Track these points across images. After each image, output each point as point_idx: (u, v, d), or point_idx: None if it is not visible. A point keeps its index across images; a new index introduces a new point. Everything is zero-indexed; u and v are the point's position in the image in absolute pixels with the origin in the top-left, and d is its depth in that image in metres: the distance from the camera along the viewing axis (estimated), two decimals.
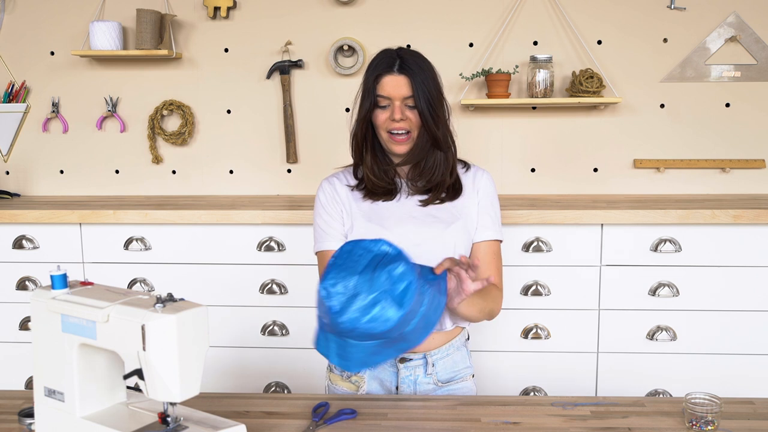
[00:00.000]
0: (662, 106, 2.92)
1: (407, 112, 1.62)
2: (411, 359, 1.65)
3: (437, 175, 1.67)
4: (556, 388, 2.58)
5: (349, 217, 1.70)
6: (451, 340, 1.69)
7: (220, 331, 2.62)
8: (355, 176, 1.76)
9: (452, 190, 1.69)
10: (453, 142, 1.71)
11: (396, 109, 1.60)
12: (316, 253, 1.75)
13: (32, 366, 1.28)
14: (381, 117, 1.64)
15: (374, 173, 1.69)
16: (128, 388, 1.32)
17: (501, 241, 1.73)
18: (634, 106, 2.92)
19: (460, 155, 1.77)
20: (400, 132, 1.63)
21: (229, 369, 2.66)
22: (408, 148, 1.65)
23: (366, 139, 1.69)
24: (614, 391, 2.55)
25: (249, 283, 2.61)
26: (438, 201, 1.68)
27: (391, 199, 1.69)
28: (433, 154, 1.66)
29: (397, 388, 1.66)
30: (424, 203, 1.68)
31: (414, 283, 1.32)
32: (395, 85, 1.60)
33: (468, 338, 1.78)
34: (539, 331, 2.55)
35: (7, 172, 3.14)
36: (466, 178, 1.74)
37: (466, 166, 1.77)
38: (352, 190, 1.72)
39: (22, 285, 2.67)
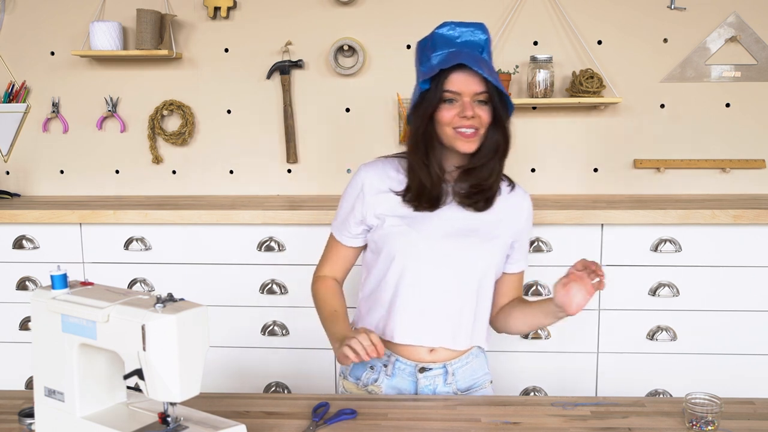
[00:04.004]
0: (662, 106, 2.92)
1: (477, 109, 1.52)
2: (431, 368, 1.62)
3: (490, 180, 1.58)
4: (556, 388, 2.58)
5: (378, 218, 1.61)
6: (471, 349, 1.67)
7: (220, 331, 2.62)
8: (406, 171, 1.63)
9: (489, 199, 1.61)
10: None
11: (466, 106, 1.51)
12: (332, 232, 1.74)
13: (32, 366, 1.28)
14: (448, 114, 1.53)
15: (431, 182, 1.57)
16: (128, 388, 1.32)
17: None
18: (634, 106, 2.92)
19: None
20: (467, 130, 1.53)
21: (229, 369, 2.66)
22: (476, 146, 1.54)
23: (427, 138, 1.56)
24: (614, 391, 2.55)
25: (249, 283, 2.61)
26: (477, 208, 1.60)
27: (435, 209, 1.60)
28: (493, 156, 1.57)
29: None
30: (463, 204, 1.60)
31: None
32: (465, 80, 1.51)
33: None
34: (539, 331, 2.55)
35: (7, 172, 3.14)
36: (511, 197, 1.66)
37: (511, 183, 1.69)
38: (396, 193, 1.61)
39: (22, 285, 2.67)
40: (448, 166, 1.60)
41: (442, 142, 1.55)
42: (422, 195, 1.57)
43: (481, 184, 1.58)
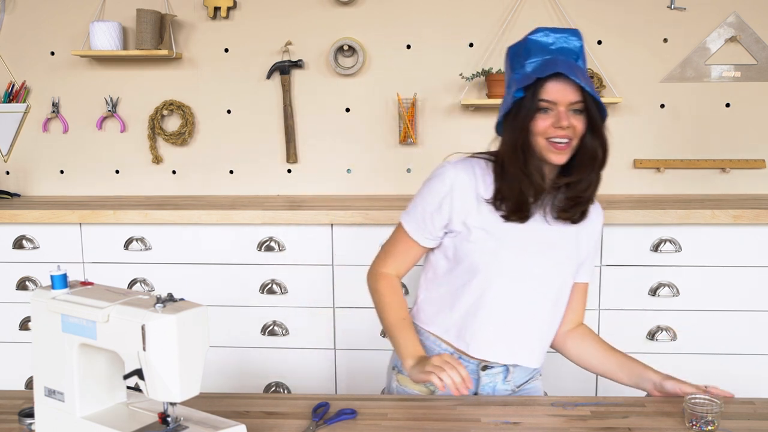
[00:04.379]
0: (662, 106, 2.92)
1: (571, 119, 1.46)
2: (493, 367, 1.60)
3: (588, 192, 1.52)
4: (556, 388, 2.58)
5: (465, 226, 1.54)
6: None
7: (220, 331, 2.62)
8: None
9: (585, 211, 1.56)
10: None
11: (562, 115, 1.45)
12: (400, 220, 1.63)
13: (32, 366, 1.28)
14: (542, 123, 1.46)
15: (533, 193, 1.50)
16: (128, 388, 1.31)
17: None
18: (634, 106, 2.91)
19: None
20: (561, 141, 1.47)
21: (229, 369, 2.66)
22: (567, 157, 1.48)
23: (525, 148, 1.48)
24: (614, 391, 2.54)
25: (249, 283, 2.61)
26: (573, 220, 1.55)
27: (525, 221, 1.54)
28: (592, 166, 1.50)
29: (475, 393, 1.62)
30: (561, 218, 1.54)
31: None
32: (561, 89, 1.45)
33: None
34: None
35: (7, 172, 3.14)
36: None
37: None
38: (486, 201, 1.53)
39: (22, 285, 2.67)
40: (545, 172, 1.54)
41: (535, 153, 1.50)
42: (521, 207, 1.51)
43: (579, 196, 1.52)
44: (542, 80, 1.45)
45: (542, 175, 1.50)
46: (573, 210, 1.54)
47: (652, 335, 2.54)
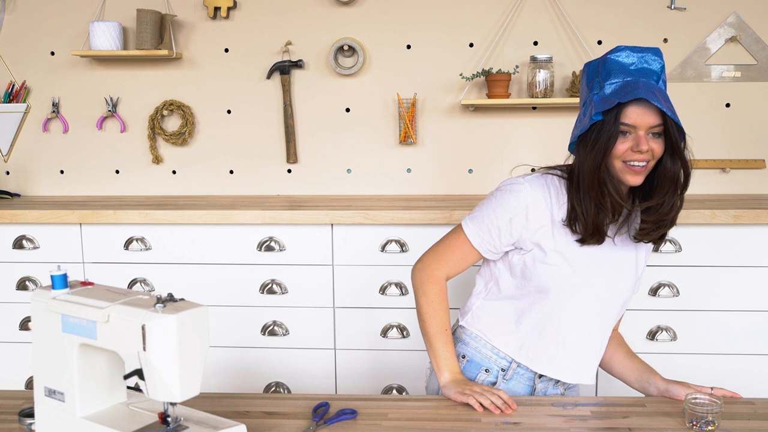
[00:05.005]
0: None
1: (651, 142, 1.43)
2: (549, 376, 1.61)
3: (671, 215, 1.49)
4: None
5: (537, 247, 1.53)
6: None
7: (220, 331, 2.62)
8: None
9: (664, 235, 1.54)
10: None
11: (641, 140, 1.42)
12: (462, 226, 1.59)
13: (32, 366, 1.28)
14: (621, 147, 1.44)
15: (612, 214, 1.47)
16: (128, 388, 1.32)
17: None
18: None
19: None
20: (639, 164, 1.44)
21: (229, 369, 2.66)
22: (642, 179, 1.46)
23: (603, 172, 1.46)
24: (614, 391, 2.55)
25: (249, 283, 2.61)
26: (656, 244, 1.55)
27: (600, 244, 1.52)
28: (673, 190, 1.47)
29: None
30: (643, 241, 1.53)
31: None
32: (641, 113, 1.42)
33: None
34: None
35: (8, 172, 3.14)
36: None
37: None
38: (561, 222, 1.52)
39: (22, 285, 2.67)
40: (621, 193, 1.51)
41: (612, 174, 1.48)
42: (598, 230, 1.49)
43: (662, 219, 1.49)
44: (623, 104, 1.42)
45: (621, 196, 1.47)
46: (654, 233, 1.51)
47: (652, 335, 2.54)
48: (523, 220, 1.51)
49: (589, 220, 1.48)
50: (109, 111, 3.06)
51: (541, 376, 1.61)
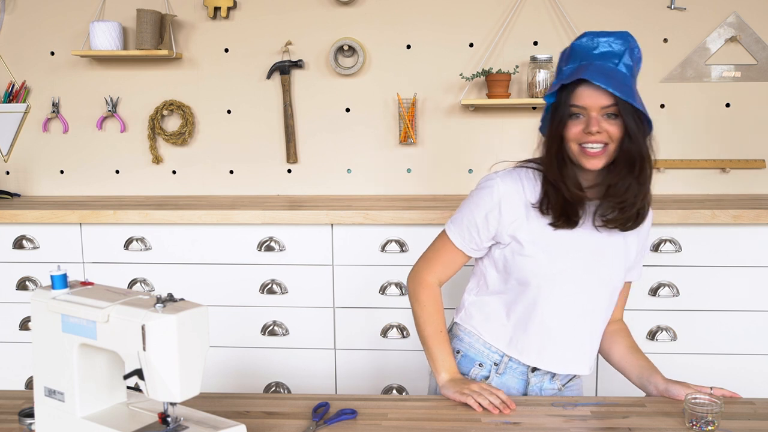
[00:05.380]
0: (662, 106, 2.91)
1: (604, 124, 1.42)
2: (541, 368, 1.61)
3: (628, 197, 1.46)
4: None
5: (513, 239, 1.53)
6: None
7: (220, 331, 2.63)
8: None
9: (638, 216, 1.50)
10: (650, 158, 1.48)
11: (592, 120, 1.41)
12: (445, 230, 1.61)
13: (32, 366, 1.28)
14: (574, 129, 1.44)
15: (571, 199, 1.47)
16: (128, 388, 1.32)
17: None
18: None
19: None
20: (594, 146, 1.43)
21: (229, 369, 2.66)
22: (602, 163, 1.44)
23: (560, 155, 1.47)
24: (614, 391, 2.55)
25: (249, 283, 2.61)
26: (623, 228, 1.51)
27: (574, 228, 1.51)
28: (628, 172, 1.45)
29: (524, 394, 1.63)
30: (607, 226, 1.50)
31: None
32: (591, 94, 1.41)
33: None
34: None
35: (8, 172, 3.14)
36: None
37: None
38: (533, 206, 1.52)
39: (22, 285, 2.67)
40: (584, 183, 1.50)
41: (571, 158, 1.47)
42: (566, 212, 1.48)
43: (621, 201, 1.46)
44: (573, 85, 1.42)
45: (577, 183, 1.47)
46: (617, 217, 1.48)
47: (652, 335, 2.54)
48: (497, 214, 1.53)
49: (557, 203, 1.48)
50: (109, 111, 3.06)
51: (534, 369, 1.61)
